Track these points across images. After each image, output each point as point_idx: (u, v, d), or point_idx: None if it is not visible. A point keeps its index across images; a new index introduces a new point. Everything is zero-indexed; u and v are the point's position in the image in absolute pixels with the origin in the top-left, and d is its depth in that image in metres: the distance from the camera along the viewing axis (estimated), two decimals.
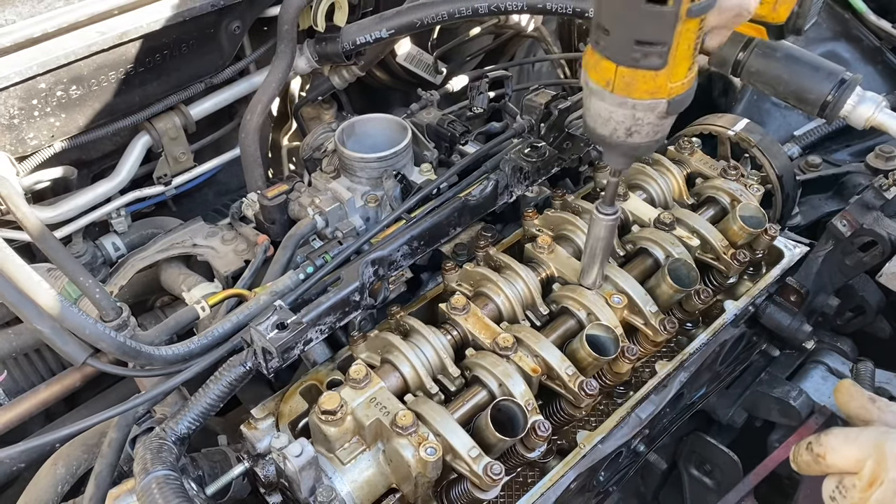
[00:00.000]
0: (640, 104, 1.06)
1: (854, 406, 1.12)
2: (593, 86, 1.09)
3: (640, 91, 1.05)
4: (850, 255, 1.61)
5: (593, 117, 1.13)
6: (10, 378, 1.87)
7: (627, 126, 1.10)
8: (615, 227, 1.33)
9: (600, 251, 1.36)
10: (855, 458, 1.01)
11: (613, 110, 1.09)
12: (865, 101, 1.46)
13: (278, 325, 1.26)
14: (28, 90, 1.55)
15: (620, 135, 1.11)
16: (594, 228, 1.33)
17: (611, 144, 1.15)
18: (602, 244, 1.35)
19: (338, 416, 1.21)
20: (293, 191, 1.72)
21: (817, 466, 1.09)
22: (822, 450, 1.06)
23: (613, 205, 1.30)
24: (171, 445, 1.25)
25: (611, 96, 1.07)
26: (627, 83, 1.05)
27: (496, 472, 1.17)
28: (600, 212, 1.30)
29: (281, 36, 1.88)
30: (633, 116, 1.08)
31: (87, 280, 1.33)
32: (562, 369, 1.32)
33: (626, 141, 1.12)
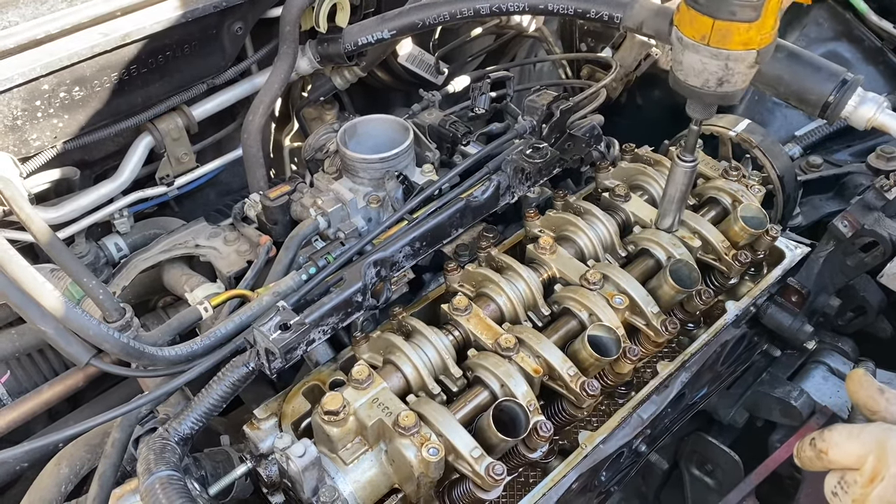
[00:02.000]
0: (734, 55, 1.19)
1: (863, 395, 1.12)
2: (688, 41, 1.21)
3: (734, 42, 1.17)
4: (852, 256, 1.62)
5: (686, 71, 1.26)
6: (14, 378, 1.87)
7: (720, 76, 1.23)
8: (693, 173, 1.45)
9: (678, 197, 1.48)
10: (857, 454, 1.02)
11: (707, 62, 1.21)
12: (867, 102, 1.46)
13: (281, 326, 1.27)
14: (31, 91, 1.56)
15: (712, 84, 1.24)
16: (675, 175, 1.45)
17: (702, 95, 1.28)
18: (681, 190, 1.47)
19: (340, 417, 1.22)
20: (295, 191, 1.73)
21: (820, 462, 1.09)
22: (825, 445, 1.06)
23: (693, 152, 1.43)
24: (175, 446, 1.26)
25: (705, 49, 1.19)
26: (723, 36, 1.16)
27: (498, 473, 1.18)
28: (681, 159, 1.43)
29: (283, 37, 1.89)
30: (726, 67, 1.21)
31: (90, 281, 1.34)
32: (563, 370, 1.32)
33: (716, 90, 1.25)
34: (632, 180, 1.68)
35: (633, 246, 1.56)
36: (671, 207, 1.50)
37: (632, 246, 1.56)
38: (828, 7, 2.33)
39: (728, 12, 1.14)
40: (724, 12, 1.14)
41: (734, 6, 1.13)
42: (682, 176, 1.45)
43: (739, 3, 1.13)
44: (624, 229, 1.61)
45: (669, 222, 1.53)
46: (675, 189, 1.47)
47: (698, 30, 1.18)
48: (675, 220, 1.52)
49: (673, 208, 1.50)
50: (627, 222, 1.61)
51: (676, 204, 1.49)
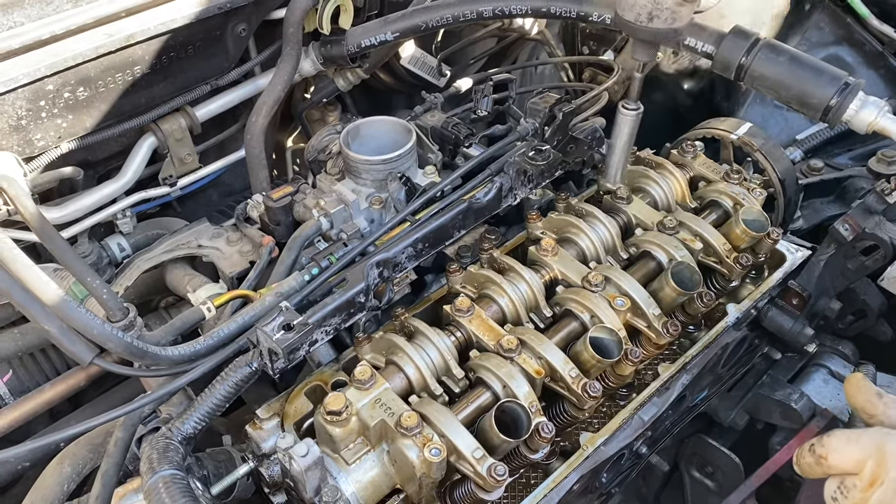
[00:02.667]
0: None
1: (861, 399, 1.13)
2: None
3: None
4: (852, 259, 1.62)
5: (621, 4, 1.33)
6: (16, 377, 1.88)
7: (649, 10, 1.29)
8: (637, 122, 1.50)
9: (621, 146, 1.55)
10: (856, 459, 1.02)
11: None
12: (868, 106, 1.46)
13: (284, 326, 1.27)
14: (36, 91, 1.56)
15: (643, 19, 1.31)
16: (618, 123, 1.51)
17: (635, 29, 1.33)
18: (625, 140, 1.53)
19: (343, 417, 1.22)
20: (298, 192, 1.73)
21: (819, 468, 1.09)
22: (824, 451, 1.06)
23: (637, 100, 1.48)
24: (178, 445, 1.26)
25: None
26: None
27: (500, 473, 1.18)
28: (625, 107, 1.48)
29: (286, 38, 1.89)
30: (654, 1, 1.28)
31: (94, 280, 1.34)
32: (565, 371, 1.32)
33: (647, 26, 1.31)
34: (633, 183, 1.69)
35: (634, 248, 1.57)
36: (614, 159, 1.57)
37: (633, 248, 1.57)
38: (829, 11, 2.34)
39: None
40: None
41: None
42: (625, 125, 1.50)
43: None
44: (625, 231, 1.61)
45: (613, 173, 1.59)
46: (619, 139, 1.53)
47: None
48: (620, 172, 1.59)
49: (616, 160, 1.57)
50: (629, 224, 1.61)
51: (620, 154, 1.56)
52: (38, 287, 1.24)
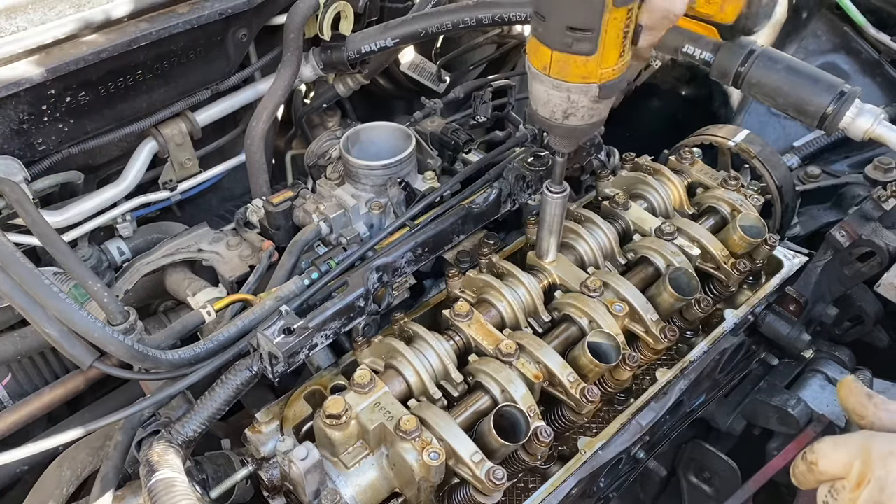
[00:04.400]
0: (574, 87, 1.15)
1: (852, 401, 1.14)
2: (533, 70, 1.18)
3: (573, 75, 1.14)
4: (849, 266, 1.63)
5: (534, 100, 1.22)
6: (15, 381, 1.88)
7: (564, 108, 1.19)
8: (565, 204, 1.43)
9: (553, 229, 1.46)
10: (843, 462, 1.03)
11: (551, 93, 1.17)
12: (864, 114, 1.47)
13: (284, 330, 1.28)
14: (38, 95, 1.57)
15: (559, 117, 1.20)
16: (545, 206, 1.43)
17: (551, 126, 1.24)
18: (555, 221, 1.45)
19: (342, 421, 1.23)
20: (298, 197, 1.74)
21: (812, 476, 1.10)
22: (814, 457, 1.07)
23: (562, 183, 1.41)
24: (177, 448, 1.27)
25: (548, 79, 1.16)
26: (561, 67, 1.13)
27: (498, 477, 1.19)
28: (550, 190, 1.41)
29: (287, 44, 1.91)
30: (569, 99, 1.17)
31: (95, 284, 1.35)
32: (563, 376, 1.33)
33: (563, 123, 1.21)
34: (632, 189, 1.70)
35: (632, 254, 1.58)
36: (545, 237, 1.49)
37: (631, 254, 1.58)
38: (826, 19, 2.36)
39: (563, 44, 1.10)
40: (559, 44, 1.10)
41: (569, 38, 1.09)
42: (551, 207, 1.43)
43: (574, 36, 1.09)
44: (624, 237, 1.62)
45: (544, 252, 1.51)
46: (549, 219, 1.45)
47: (540, 60, 1.15)
48: (551, 249, 1.50)
49: (547, 238, 1.48)
50: (627, 230, 1.62)
51: (550, 234, 1.47)
52: (39, 290, 1.24)
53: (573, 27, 1.08)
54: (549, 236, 1.48)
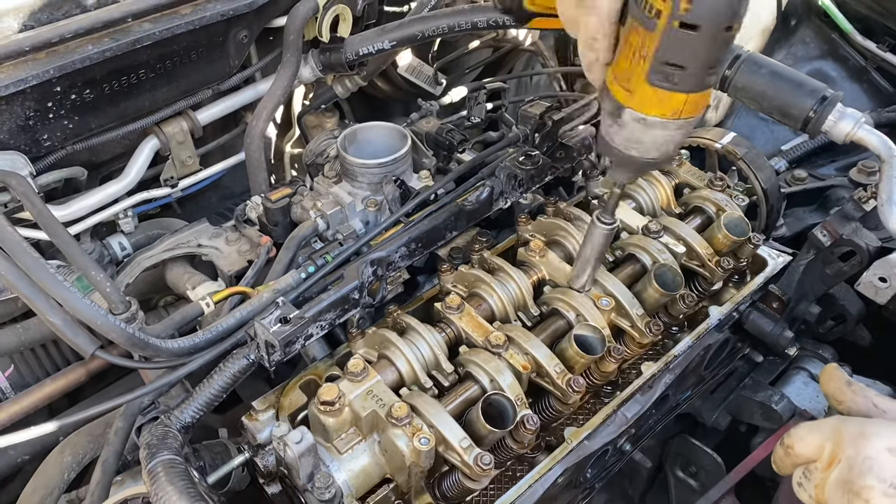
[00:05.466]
0: (686, 123, 1.09)
1: (832, 386, 1.19)
2: (655, 120, 1.08)
3: (699, 108, 1.08)
4: (831, 265, 1.68)
5: (647, 147, 1.12)
6: (17, 372, 1.92)
7: (659, 145, 1.11)
8: (612, 236, 1.35)
9: (594, 257, 1.38)
10: (817, 444, 1.08)
11: (673, 135, 1.09)
12: (846, 118, 1.53)
13: (281, 320, 1.32)
14: (44, 93, 1.61)
15: (671, 151, 1.13)
16: (592, 235, 1.35)
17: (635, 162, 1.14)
18: (597, 251, 1.37)
19: (336, 407, 1.27)
20: (296, 194, 1.78)
21: (789, 460, 1.14)
22: (790, 441, 1.12)
23: (613, 215, 1.32)
24: (176, 433, 1.31)
25: (674, 123, 1.08)
26: (694, 105, 1.06)
27: (486, 463, 1.23)
28: (601, 220, 1.32)
29: (287, 45, 1.95)
30: (671, 136, 1.10)
31: (98, 274, 1.39)
32: (550, 367, 1.37)
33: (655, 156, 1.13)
34: None
35: (620, 251, 1.62)
36: (586, 267, 1.41)
37: (619, 251, 1.62)
38: (814, 27, 2.41)
39: (704, 84, 1.04)
40: (700, 85, 1.04)
41: (709, 75, 1.03)
42: (599, 237, 1.35)
43: (710, 71, 1.02)
44: None
45: (583, 282, 1.43)
46: (592, 249, 1.37)
47: (668, 107, 1.06)
48: (589, 279, 1.43)
49: (588, 268, 1.41)
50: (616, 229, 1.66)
51: (591, 264, 1.40)
52: (44, 279, 1.28)
53: (713, 65, 1.02)
54: (592, 266, 1.40)
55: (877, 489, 0.99)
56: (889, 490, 0.98)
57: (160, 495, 1.17)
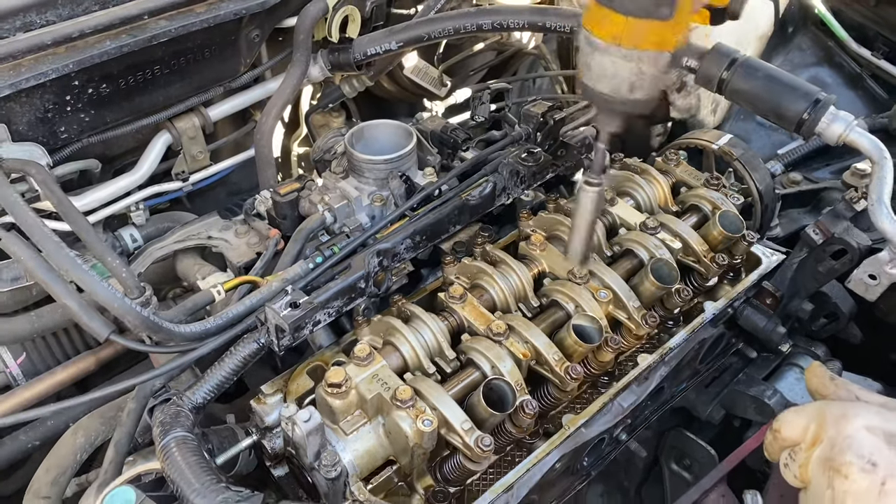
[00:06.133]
0: (647, 56, 1.12)
1: (816, 381, 1.24)
2: (599, 42, 1.13)
3: (647, 42, 1.10)
4: (823, 263, 1.72)
5: (596, 76, 1.16)
6: (29, 360, 1.96)
7: (631, 80, 1.14)
8: (602, 200, 1.34)
9: (585, 226, 1.39)
10: (802, 426, 1.13)
11: (620, 64, 1.13)
12: (838, 120, 1.57)
13: (291, 304, 1.37)
14: (63, 86, 1.67)
15: (623, 91, 1.15)
16: (581, 201, 1.34)
17: (612, 101, 1.18)
18: (589, 217, 1.37)
19: (342, 390, 1.31)
20: (304, 189, 1.83)
21: (777, 443, 1.19)
22: (778, 424, 1.17)
23: (600, 173, 1.31)
24: (188, 413, 1.36)
25: (617, 50, 1.11)
26: (636, 34, 1.09)
27: (486, 444, 1.28)
28: (588, 182, 1.32)
29: (297, 45, 2.01)
30: (639, 70, 1.13)
31: (114, 260, 1.45)
32: (549, 355, 1.42)
33: (627, 97, 1.16)
34: (619, 187, 1.80)
35: (618, 246, 1.67)
36: (579, 238, 1.41)
37: (617, 246, 1.67)
38: (811, 34, 2.47)
39: (643, 9, 1.06)
40: (639, 8, 1.06)
41: (648, 1, 1.06)
42: (588, 202, 1.34)
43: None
44: (610, 231, 1.72)
45: (577, 254, 1.43)
46: (583, 217, 1.37)
47: (609, 30, 1.10)
48: (584, 252, 1.43)
49: (581, 239, 1.40)
50: (614, 224, 1.72)
51: (584, 234, 1.39)
52: (65, 262, 1.34)
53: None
54: (580, 236, 1.39)
55: (855, 465, 1.04)
56: (867, 466, 1.03)
57: (173, 470, 1.22)
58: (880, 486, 1.03)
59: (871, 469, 1.04)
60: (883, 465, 1.04)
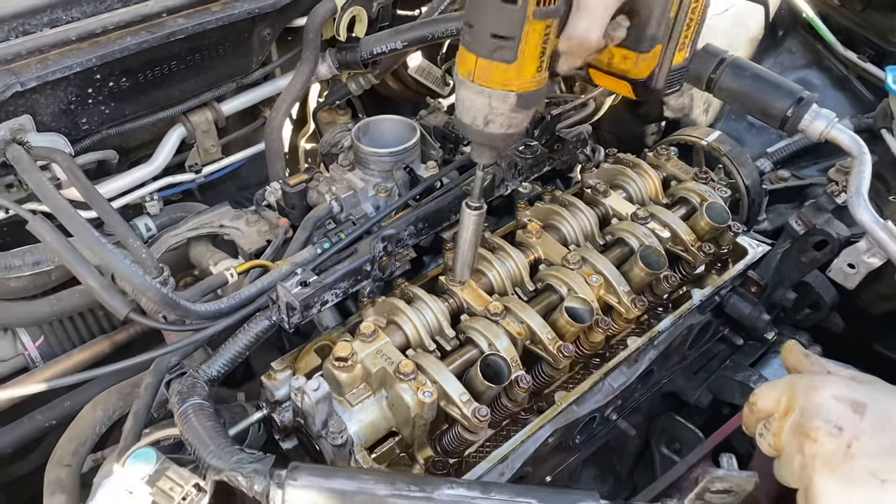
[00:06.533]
0: (495, 94, 1.23)
1: (791, 359, 1.33)
2: (459, 77, 1.27)
3: (494, 81, 1.22)
4: (805, 253, 1.81)
5: (458, 107, 1.30)
6: (46, 343, 2.05)
7: (484, 115, 1.26)
8: (481, 221, 1.49)
9: (468, 244, 1.53)
10: (775, 398, 1.22)
11: (473, 98, 1.25)
12: (820, 117, 1.66)
13: (301, 283, 1.46)
14: (85, 79, 1.76)
15: (479, 123, 1.27)
16: (463, 221, 1.50)
17: (472, 132, 1.31)
18: (470, 237, 1.51)
19: (349, 363, 1.40)
20: (312, 180, 1.92)
21: (753, 416, 1.28)
22: (754, 398, 1.26)
23: (480, 199, 1.46)
24: (204, 384, 1.44)
25: (471, 85, 1.24)
26: (484, 73, 1.21)
27: (482, 415, 1.36)
28: (468, 205, 1.47)
29: (306, 43, 2.10)
30: (489, 105, 1.24)
31: (135, 241, 1.54)
32: (543, 334, 1.51)
33: (483, 130, 1.28)
34: (612, 180, 1.88)
35: (610, 235, 1.76)
36: (460, 254, 1.54)
37: (609, 235, 1.76)
38: (801, 38, 2.57)
39: (487, 50, 1.18)
40: (484, 50, 1.18)
41: (492, 44, 1.17)
42: (469, 223, 1.48)
43: (497, 43, 1.17)
44: (603, 221, 1.80)
45: (459, 270, 1.57)
46: (465, 237, 1.51)
47: (466, 66, 1.23)
48: (467, 268, 1.56)
49: (463, 255, 1.54)
50: (606, 215, 1.80)
51: (465, 251, 1.53)
52: (91, 241, 1.43)
53: (496, 34, 1.17)
54: (467, 253, 1.54)
55: (823, 430, 1.13)
56: (833, 430, 1.12)
57: (191, 434, 1.30)
58: (846, 448, 1.12)
59: (838, 433, 1.13)
60: (848, 430, 1.12)
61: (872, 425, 1.12)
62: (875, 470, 1.09)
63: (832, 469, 1.12)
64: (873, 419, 1.13)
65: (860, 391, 1.18)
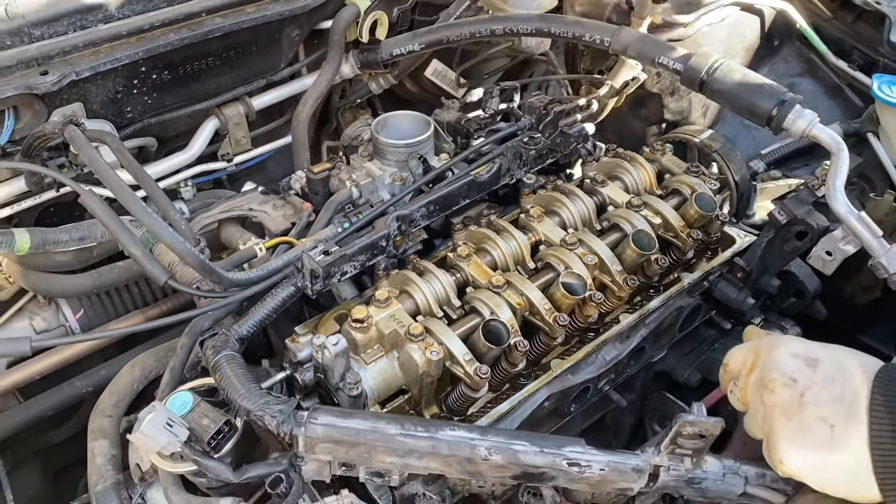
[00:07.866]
0: None
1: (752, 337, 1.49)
2: None
3: None
4: (788, 242, 1.95)
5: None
6: (86, 316, 2.23)
7: None
8: None
9: None
10: (742, 358, 1.38)
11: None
12: (803, 117, 1.81)
13: (324, 252, 1.63)
14: (132, 71, 1.95)
15: None
16: None
17: None
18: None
19: (365, 325, 1.56)
20: (334, 168, 2.09)
21: (727, 376, 1.44)
22: (726, 360, 1.42)
23: None
24: (235, 342, 1.61)
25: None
26: None
27: (483, 372, 1.52)
28: None
29: (331, 44, 2.29)
30: None
31: (175, 214, 1.71)
32: (541, 305, 1.66)
33: None
34: (611, 171, 2.04)
35: (606, 222, 1.90)
36: None
37: (606, 222, 1.91)
38: (795, 47, 2.72)
39: None
40: None
41: None
42: None
43: None
44: (600, 209, 1.95)
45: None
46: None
47: None
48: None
49: None
50: (604, 203, 1.96)
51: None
52: (138, 210, 1.61)
53: None
54: None
55: (779, 381, 1.28)
56: (789, 381, 1.28)
57: (223, 380, 1.47)
58: (800, 397, 1.27)
59: (793, 384, 1.28)
60: (802, 381, 1.28)
61: (824, 377, 1.27)
62: (824, 416, 1.24)
63: (788, 417, 1.28)
64: (825, 371, 1.28)
65: (815, 349, 1.33)
